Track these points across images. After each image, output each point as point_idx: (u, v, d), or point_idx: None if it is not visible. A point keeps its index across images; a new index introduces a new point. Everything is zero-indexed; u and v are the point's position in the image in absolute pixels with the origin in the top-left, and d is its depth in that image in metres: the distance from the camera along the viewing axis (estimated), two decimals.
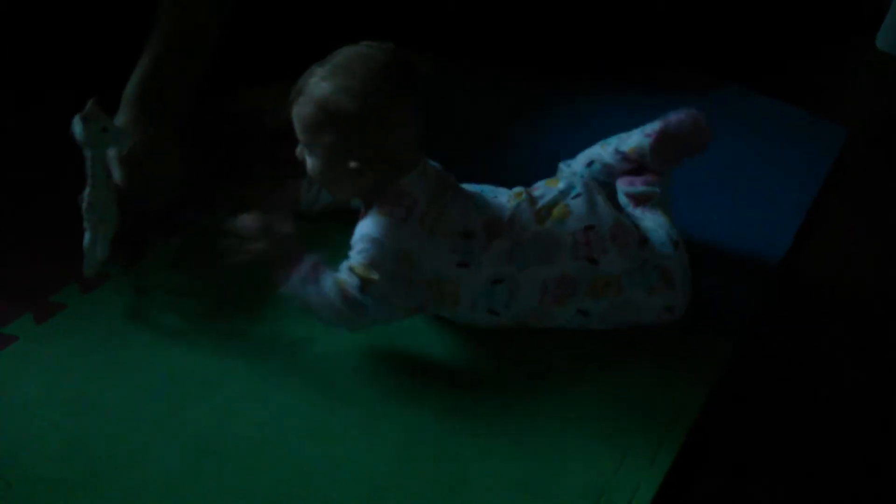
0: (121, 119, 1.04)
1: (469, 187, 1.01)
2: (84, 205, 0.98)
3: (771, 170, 1.33)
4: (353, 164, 0.91)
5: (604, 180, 1.09)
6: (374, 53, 0.91)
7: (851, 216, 1.31)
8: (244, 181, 1.18)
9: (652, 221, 1.03)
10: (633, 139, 1.07)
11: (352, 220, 0.98)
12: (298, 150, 0.96)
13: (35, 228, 1.13)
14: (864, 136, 1.47)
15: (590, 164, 1.11)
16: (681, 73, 1.56)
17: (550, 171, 1.12)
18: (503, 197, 1.00)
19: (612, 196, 1.06)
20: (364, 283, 0.91)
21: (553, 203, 0.98)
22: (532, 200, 0.99)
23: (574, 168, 1.12)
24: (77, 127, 0.93)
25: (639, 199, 1.06)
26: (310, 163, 0.95)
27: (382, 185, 0.93)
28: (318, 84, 0.90)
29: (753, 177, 1.30)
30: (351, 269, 0.92)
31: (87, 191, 0.97)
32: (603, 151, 1.10)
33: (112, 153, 1.00)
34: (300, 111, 0.91)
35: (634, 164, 1.08)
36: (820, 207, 1.27)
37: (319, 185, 0.98)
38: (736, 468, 0.94)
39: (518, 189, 1.01)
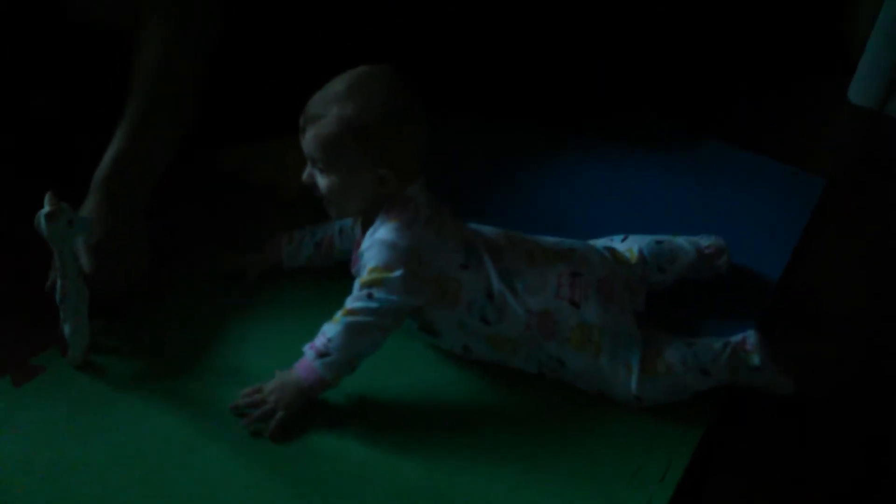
0: (90, 203, 1.04)
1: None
2: (58, 297, 0.96)
3: (750, 223, 1.35)
4: (381, 172, 0.96)
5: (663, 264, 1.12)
6: (381, 72, 0.97)
7: (832, 266, 1.33)
8: (230, 241, 1.18)
9: (720, 349, 1.00)
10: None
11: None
12: (307, 174, 1.00)
13: (13, 291, 1.11)
14: (841, 186, 1.50)
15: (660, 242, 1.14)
16: (661, 126, 1.58)
17: (530, 222, 1.14)
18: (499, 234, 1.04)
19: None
20: (372, 286, 0.95)
21: (549, 250, 1.03)
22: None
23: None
24: (41, 224, 0.91)
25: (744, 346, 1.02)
26: (325, 182, 0.98)
27: (395, 193, 0.98)
28: (335, 105, 0.94)
29: (734, 228, 1.31)
30: (361, 281, 0.96)
31: (58, 283, 0.96)
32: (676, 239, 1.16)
33: (79, 240, 0.98)
34: (319, 133, 0.95)
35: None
36: (799, 259, 1.29)
37: (330, 202, 1.00)
38: (739, 489, 0.95)
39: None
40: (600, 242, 1.13)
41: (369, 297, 0.95)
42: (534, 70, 1.52)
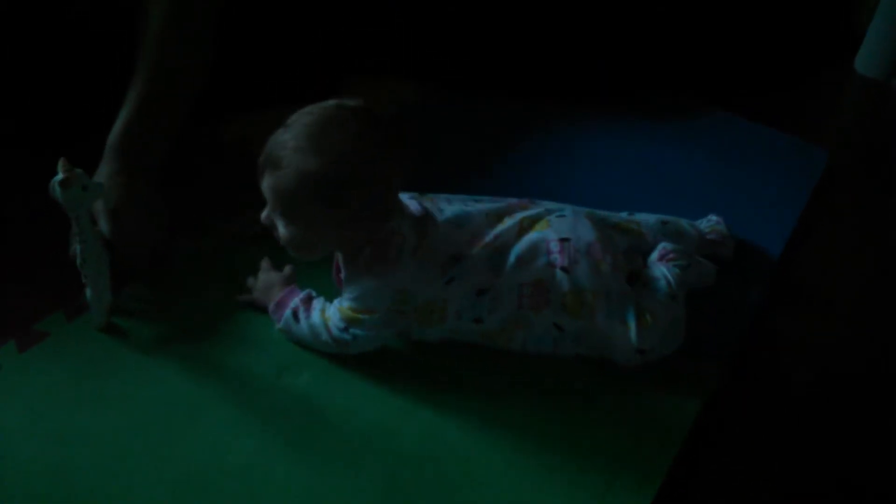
0: (104, 169, 1.04)
1: (463, 197, 1.05)
2: (78, 262, 0.97)
3: (754, 194, 1.34)
4: (345, 233, 0.91)
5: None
6: (349, 116, 0.89)
7: (836, 238, 1.32)
8: (230, 212, 1.18)
9: (660, 272, 1.05)
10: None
11: None
12: (265, 216, 0.94)
13: (18, 256, 1.12)
14: (846, 157, 1.49)
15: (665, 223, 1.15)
16: (667, 100, 1.57)
17: (532, 194, 1.13)
18: (486, 222, 1.01)
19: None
20: (350, 323, 0.96)
21: (537, 217, 1.02)
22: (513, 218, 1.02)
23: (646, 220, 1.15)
24: (56, 191, 0.92)
25: (665, 256, 1.08)
26: (286, 232, 0.92)
27: (368, 236, 0.93)
28: (295, 155, 0.87)
29: (737, 202, 1.31)
30: (340, 311, 0.97)
31: (77, 248, 0.97)
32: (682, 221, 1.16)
33: (98, 205, 1.00)
34: (277, 184, 0.89)
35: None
36: (803, 230, 1.29)
37: (293, 252, 0.96)
38: (729, 485, 0.95)
39: (506, 217, 1.03)
40: (603, 215, 1.12)
41: (345, 330, 0.97)
42: (542, 45, 1.52)
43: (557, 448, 0.94)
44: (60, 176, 0.91)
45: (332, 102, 0.91)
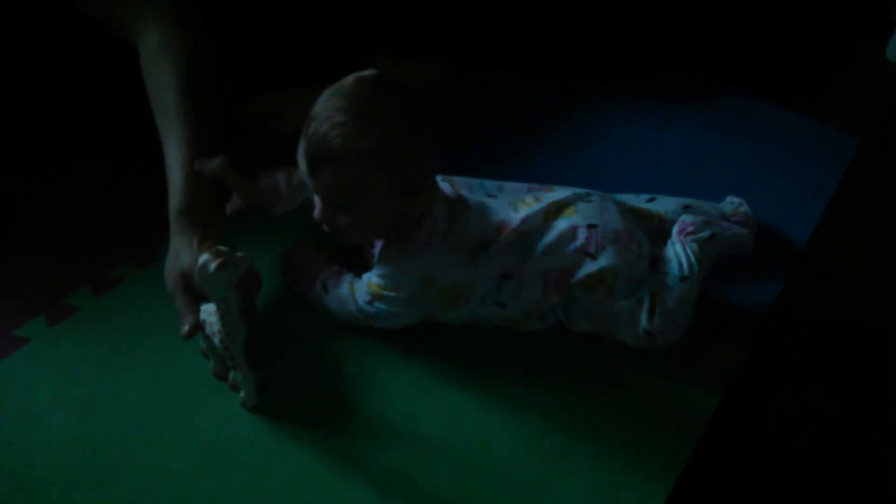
0: (182, 240, 0.95)
1: (487, 184, 1.05)
2: (219, 346, 0.90)
3: (780, 181, 1.33)
4: (407, 200, 0.90)
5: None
6: (385, 92, 0.88)
7: (862, 224, 1.31)
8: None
9: (673, 253, 1.04)
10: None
11: None
12: (319, 213, 0.92)
13: (49, 231, 1.14)
14: (875, 145, 1.47)
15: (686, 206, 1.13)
16: (686, 80, 1.56)
17: (554, 175, 1.13)
18: (511, 208, 1.01)
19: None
20: (375, 298, 0.97)
21: (565, 203, 1.02)
22: (541, 202, 1.01)
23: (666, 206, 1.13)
24: (210, 282, 0.83)
25: (684, 230, 1.07)
26: (347, 220, 0.91)
27: (415, 213, 0.94)
28: (355, 140, 0.85)
29: (762, 188, 1.30)
30: (368, 285, 0.98)
31: (219, 331, 0.88)
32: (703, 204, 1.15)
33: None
34: (338, 178, 0.87)
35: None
36: (830, 217, 1.28)
37: (350, 236, 0.95)
38: (742, 475, 0.94)
39: (528, 198, 1.03)
40: (625, 199, 1.12)
41: (370, 303, 0.98)
42: (560, 23, 1.51)
43: (579, 432, 0.94)
44: (213, 261, 0.82)
45: (362, 77, 0.89)
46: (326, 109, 0.86)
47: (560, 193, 1.04)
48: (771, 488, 0.93)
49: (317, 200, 0.92)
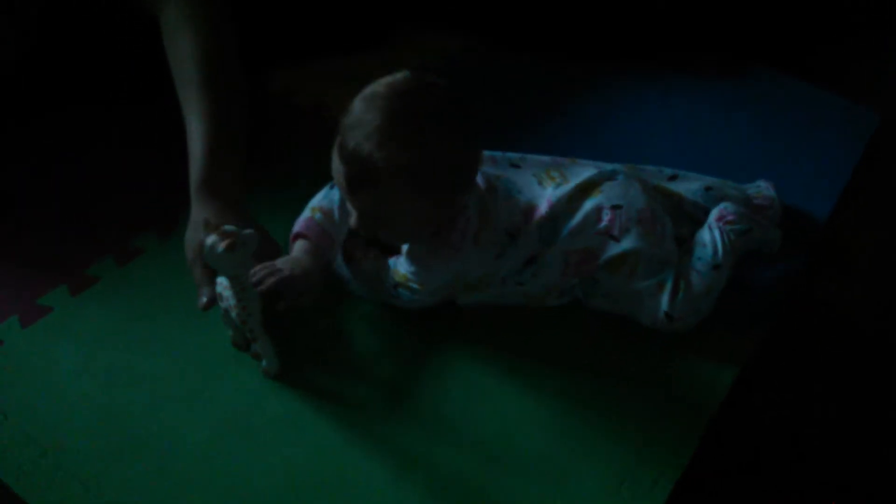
0: (200, 214, 0.94)
1: (510, 156, 1.05)
2: (236, 320, 0.91)
3: (803, 157, 1.31)
4: (448, 207, 0.91)
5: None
6: (431, 104, 0.85)
7: (883, 203, 1.29)
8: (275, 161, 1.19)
9: (710, 238, 1.02)
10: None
11: None
12: (356, 223, 0.90)
13: (72, 201, 1.15)
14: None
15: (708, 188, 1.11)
16: (712, 58, 1.54)
17: (578, 149, 1.12)
18: (536, 181, 1.01)
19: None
20: (400, 285, 0.97)
21: (590, 183, 1.00)
22: (566, 179, 1.00)
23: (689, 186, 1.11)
24: (220, 261, 0.85)
25: (723, 218, 1.05)
26: (390, 232, 0.93)
27: (452, 214, 0.93)
28: (399, 154, 0.83)
29: (784, 164, 1.28)
30: (395, 274, 0.98)
31: (235, 306, 0.89)
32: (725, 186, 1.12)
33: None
34: (387, 193, 0.85)
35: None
36: (851, 195, 1.26)
37: (389, 241, 0.97)
38: (742, 473, 0.95)
39: (554, 172, 1.02)
40: (649, 170, 1.11)
41: (395, 287, 0.98)
42: (590, 5, 1.49)
43: (593, 416, 0.94)
44: (221, 242, 0.84)
45: (396, 85, 0.85)
46: (363, 125, 0.83)
47: (584, 169, 1.02)
48: (770, 487, 0.93)
49: (352, 210, 0.91)
